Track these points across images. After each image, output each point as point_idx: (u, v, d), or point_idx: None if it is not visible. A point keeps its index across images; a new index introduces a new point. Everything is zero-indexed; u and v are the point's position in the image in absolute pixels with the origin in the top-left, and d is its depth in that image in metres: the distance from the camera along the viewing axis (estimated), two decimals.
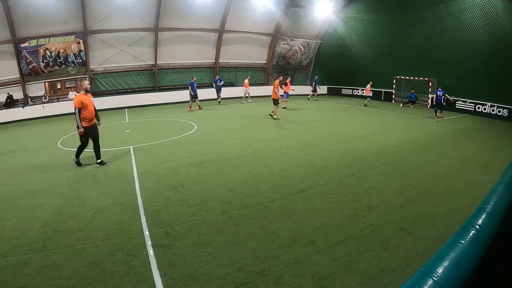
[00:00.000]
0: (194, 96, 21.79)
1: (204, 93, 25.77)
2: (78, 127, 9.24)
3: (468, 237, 2.69)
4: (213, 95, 25.43)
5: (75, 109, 9.10)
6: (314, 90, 28.86)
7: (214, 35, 28.65)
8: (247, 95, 27.07)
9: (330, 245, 5.17)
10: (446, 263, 2.28)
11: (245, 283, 4.26)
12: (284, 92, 22.60)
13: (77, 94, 9.78)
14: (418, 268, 2.31)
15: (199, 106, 22.42)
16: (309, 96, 28.88)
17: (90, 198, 7.29)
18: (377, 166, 9.41)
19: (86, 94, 9.42)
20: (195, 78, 22.33)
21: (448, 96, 19.34)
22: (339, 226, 5.80)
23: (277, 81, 17.93)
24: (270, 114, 18.30)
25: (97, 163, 9.85)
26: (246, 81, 26.84)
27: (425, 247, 5.05)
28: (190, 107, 22.19)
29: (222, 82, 25.26)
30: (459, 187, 7.88)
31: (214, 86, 24.73)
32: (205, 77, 29.49)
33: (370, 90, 24.97)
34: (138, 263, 4.71)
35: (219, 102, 25.09)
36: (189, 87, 21.69)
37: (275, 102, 17.82)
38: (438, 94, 18.94)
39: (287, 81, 23.42)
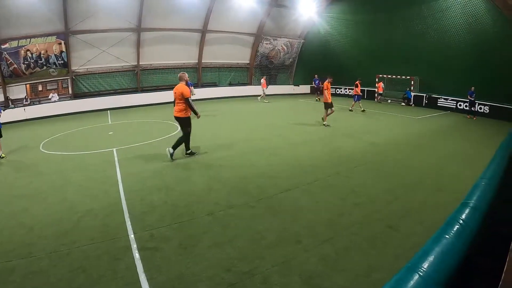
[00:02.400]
0: None
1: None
2: (195, 113, 10.02)
3: (452, 232, 2.74)
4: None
5: (187, 99, 9.77)
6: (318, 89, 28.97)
7: (197, 35, 28.54)
8: (262, 94, 26.77)
9: (317, 243, 5.19)
10: (431, 258, 2.32)
11: (233, 284, 4.25)
12: (356, 94, 21.79)
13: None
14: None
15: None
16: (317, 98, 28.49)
17: (74, 202, 7.19)
18: (363, 164, 9.50)
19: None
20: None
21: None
22: (326, 225, 5.83)
23: (327, 82, 15.56)
24: (324, 124, 15.85)
25: (187, 154, 10.54)
26: (263, 80, 26.56)
27: (413, 243, 5.10)
28: None
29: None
30: (445, 184, 8.00)
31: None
32: (188, 78, 29.23)
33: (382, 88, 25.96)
34: (124, 267, 4.67)
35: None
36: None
37: (328, 106, 15.60)
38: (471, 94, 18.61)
39: (358, 82, 21.64)
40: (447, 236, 2.66)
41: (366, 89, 27.09)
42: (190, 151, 10.53)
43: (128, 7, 24.05)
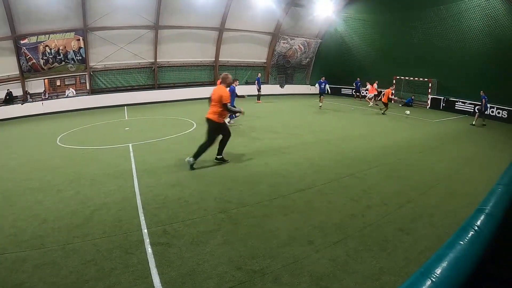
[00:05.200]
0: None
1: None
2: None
3: (467, 238, 2.69)
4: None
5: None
6: (357, 91, 29.25)
7: (214, 33, 28.64)
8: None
9: (328, 244, 5.17)
10: (444, 264, 2.28)
11: (243, 282, 4.26)
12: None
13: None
14: (416, 269, 2.31)
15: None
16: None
17: (88, 195, 7.28)
18: (376, 166, 9.41)
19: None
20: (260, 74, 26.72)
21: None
22: (337, 226, 5.80)
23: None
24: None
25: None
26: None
27: (424, 247, 5.05)
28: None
29: None
30: (458, 188, 7.89)
31: None
32: (205, 76, 29.50)
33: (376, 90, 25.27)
34: (136, 261, 4.71)
35: None
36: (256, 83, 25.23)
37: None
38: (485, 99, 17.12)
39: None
40: (461, 242, 2.61)
41: (383, 90, 26.79)
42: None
43: (146, 4, 24.27)
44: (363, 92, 27.86)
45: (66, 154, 11.02)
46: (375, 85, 25.16)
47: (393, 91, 22.42)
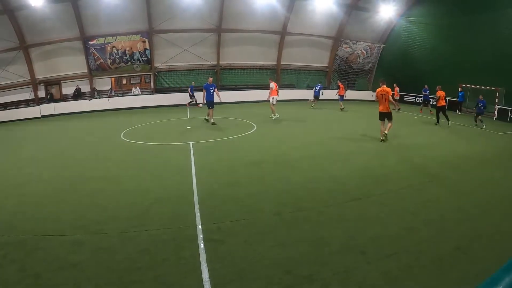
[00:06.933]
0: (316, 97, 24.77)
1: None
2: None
3: None
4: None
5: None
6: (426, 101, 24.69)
7: (276, 37, 28.80)
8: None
9: (381, 257, 4.95)
10: None
11: (290, 286, 4.20)
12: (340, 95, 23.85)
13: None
14: None
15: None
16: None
17: (148, 188, 7.58)
18: (437, 179, 8.90)
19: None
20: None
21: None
22: (392, 239, 5.54)
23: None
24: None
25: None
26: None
27: (480, 269, 4.64)
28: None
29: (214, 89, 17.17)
30: None
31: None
32: (267, 79, 29.67)
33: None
34: (188, 255, 4.82)
35: (211, 121, 16.37)
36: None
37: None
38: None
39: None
40: None
41: (447, 99, 25.39)
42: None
43: (209, 8, 25.02)
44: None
45: (129, 148, 11.54)
46: (397, 89, 24.87)
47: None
